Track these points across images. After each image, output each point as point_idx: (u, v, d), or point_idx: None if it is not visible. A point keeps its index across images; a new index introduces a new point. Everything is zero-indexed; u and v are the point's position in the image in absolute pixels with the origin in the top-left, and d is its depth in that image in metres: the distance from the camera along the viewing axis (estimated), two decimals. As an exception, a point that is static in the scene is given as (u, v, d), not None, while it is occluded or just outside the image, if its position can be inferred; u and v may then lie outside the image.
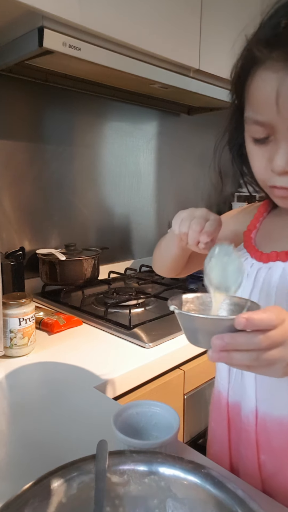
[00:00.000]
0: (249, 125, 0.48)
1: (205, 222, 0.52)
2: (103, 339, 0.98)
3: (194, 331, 0.43)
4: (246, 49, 0.46)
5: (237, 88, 0.50)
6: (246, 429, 0.56)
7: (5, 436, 0.61)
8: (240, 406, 0.57)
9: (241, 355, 0.38)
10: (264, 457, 0.55)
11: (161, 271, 0.74)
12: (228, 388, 0.60)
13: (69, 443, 0.59)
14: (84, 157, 1.44)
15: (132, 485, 0.42)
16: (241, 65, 0.48)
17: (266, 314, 0.38)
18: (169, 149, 1.75)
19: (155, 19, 1.06)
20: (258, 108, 0.45)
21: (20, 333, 0.86)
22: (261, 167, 0.49)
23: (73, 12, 0.87)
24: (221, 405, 0.61)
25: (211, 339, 0.39)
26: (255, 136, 0.47)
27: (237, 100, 0.51)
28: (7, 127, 1.23)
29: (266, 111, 0.44)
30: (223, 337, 0.38)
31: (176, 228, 0.55)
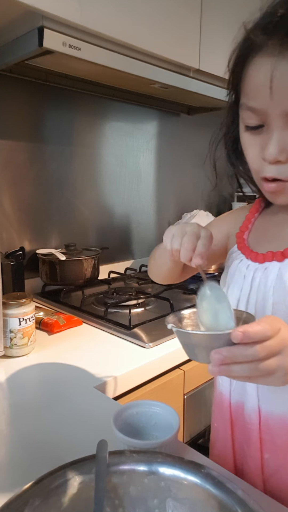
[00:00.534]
0: (243, 112, 0.48)
1: (197, 239, 0.52)
2: (103, 339, 0.98)
3: (193, 347, 0.44)
4: (244, 38, 0.47)
5: (234, 78, 0.50)
6: (250, 428, 0.56)
7: (5, 436, 0.61)
8: (243, 405, 0.58)
9: (240, 367, 0.39)
10: (268, 456, 0.55)
11: (157, 279, 0.75)
12: (230, 390, 0.60)
13: (69, 443, 0.59)
14: (84, 157, 1.44)
15: (132, 485, 0.42)
16: (238, 54, 0.48)
17: (261, 326, 0.38)
18: (169, 149, 1.75)
19: (155, 19, 1.06)
20: (252, 93, 0.46)
21: (20, 333, 0.86)
22: (254, 156, 0.49)
23: (73, 12, 0.87)
24: (223, 406, 0.61)
25: (210, 354, 0.40)
26: (248, 123, 0.48)
27: (234, 92, 0.52)
28: (7, 127, 1.23)
29: (260, 96, 0.44)
30: (221, 351, 0.39)
31: (168, 244, 0.54)
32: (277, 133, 0.45)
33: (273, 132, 0.45)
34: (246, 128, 0.49)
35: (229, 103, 0.54)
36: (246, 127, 0.49)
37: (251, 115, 0.47)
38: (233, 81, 0.51)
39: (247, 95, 0.47)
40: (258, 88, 0.44)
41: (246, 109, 0.47)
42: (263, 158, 0.47)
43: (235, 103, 0.52)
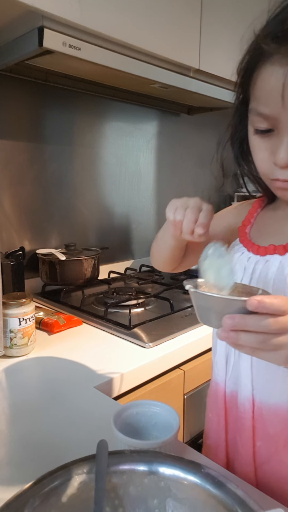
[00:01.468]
0: (253, 116, 0.49)
1: (199, 212, 0.54)
2: (103, 339, 0.98)
3: (207, 310, 0.45)
4: (254, 44, 0.47)
5: (243, 81, 0.50)
6: (243, 417, 0.57)
7: (5, 436, 0.61)
8: (237, 395, 0.58)
9: (249, 337, 0.40)
10: (260, 443, 0.56)
11: (159, 264, 0.75)
12: (225, 379, 0.60)
13: (69, 443, 0.59)
14: (84, 157, 1.44)
15: (132, 485, 0.42)
16: (248, 59, 0.48)
17: (277, 299, 0.39)
18: (169, 149, 1.75)
19: (155, 19, 1.06)
20: (263, 100, 0.46)
21: (20, 333, 0.86)
22: (263, 159, 0.50)
23: (73, 12, 0.87)
24: (218, 396, 0.62)
25: (223, 318, 0.41)
26: (258, 127, 0.48)
27: (242, 94, 0.52)
28: (7, 127, 1.23)
29: (271, 104, 0.45)
30: (234, 317, 0.40)
31: (171, 215, 0.56)
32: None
33: (284, 138, 0.46)
34: (256, 131, 0.49)
35: (236, 104, 0.55)
36: (255, 130, 0.49)
37: (261, 120, 0.47)
38: (242, 84, 0.51)
39: (258, 101, 0.47)
40: (269, 95, 0.45)
41: (256, 114, 0.48)
42: (274, 162, 0.48)
43: (243, 104, 0.53)
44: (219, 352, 0.61)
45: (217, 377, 0.63)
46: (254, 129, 0.49)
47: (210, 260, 0.47)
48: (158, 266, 0.76)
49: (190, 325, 1.02)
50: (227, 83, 1.31)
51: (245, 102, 0.52)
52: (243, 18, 1.25)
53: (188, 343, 0.95)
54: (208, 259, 0.48)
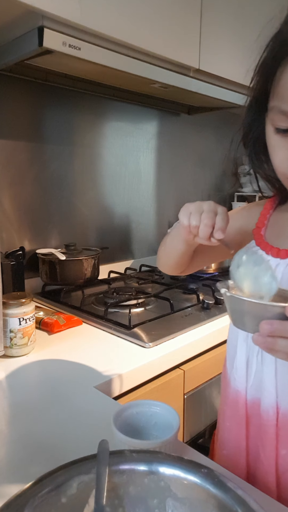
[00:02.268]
0: (275, 114, 0.47)
1: (215, 216, 0.53)
2: (103, 339, 0.98)
3: (242, 314, 0.44)
4: (279, 39, 0.46)
5: (262, 78, 0.49)
6: (266, 424, 0.56)
7: (5, 436, 0.61)
8: (259, 402, 0.57)
9: (287, 342, 0.40)
10: (285, 452, 0.55)
11: (165, 268, 0.74)
12: (246, 387, 0.59)
13: (69, 443, 0.59)
14: (84, 156, 1.44)
15: (132, 485, 0.42)
16: (270, 55, 0.47)
17: None
18: (169, 149, 1.75)
19: (155, 18, 1.06)
20: (286, 97, 0.45)
21: (20, 333, 0.86)
22: (284, 158, 0.48)
23: (73, 11, 0.87)
24: (238, 404, 0.60)
25: (260, 323, 0.40)
26: (280, 126, 0.47)
27: (260, 92, 0.50)
28: (7, 127, 1.23)
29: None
30: (273, 322, 0.40)
31: (186, 220, 0.55)
32: None
33: None
34: (277, 130, 0.48)
35: (251, 103, 0.54)
36: (276, 129, 0.48)
37: (284, 118, 0.46)
38: (261, 78, 0.50)
39: (282, 99, 0.46)
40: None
41: (278, 112, 0.46)
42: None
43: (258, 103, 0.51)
44: (239, 359, 0.59)
45: (237, 385, 0.60)
46: (274, 128, 0.48)
47: (245, 268, 0.46)
48: (165, 269, 0.75)
49: (190, 325, 1.02)
50: (227, 83, 1.31)
51: (261, 101, 0.50)
52: (243, 18, 1.25)
53: (188, 343, 0.95)
54: (243, 267, 0.46)
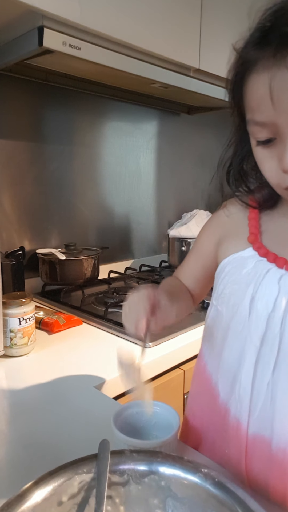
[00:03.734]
0: (251, 127, 0.48)
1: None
2: (103, 338, 0.98)
3: None
4: (237, 58, 0.47)
5: (235, 97, 0.50)
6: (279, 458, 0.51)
7: (5, 436, 0.61)
8: (265, 439, 0.52)
9: None
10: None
11: None
12: (248, 420, 0.53)
13: (69, 442, 0.59)
14: (84, 156, 1.44)
15: (132, 485, 0.42)
16: (235, 74, 0.48)
17: None
18: (169, 148, 1.75)
19: (155, 18, 1.06)
20: (256, 108, 0.46)
21: (20, 333, 0.86)
22: (272, 170, 0.48)
23: (73, 11, 0.87)
24: (239, 435, 0.54)
25: None
26: (258, 138, 0.47)
27: (237, 110, 0.51)
28: (7, 127, 1.23)
29: (263, 109, 0.44)
30: None
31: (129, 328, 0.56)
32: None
33: (286, 141, 0.44)
34: (258, 143, 0.48)
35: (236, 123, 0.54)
36: (257, 142, 0.48)
37: (260, 129, 0.46)
38: (234, 99, 0.50)
39: (252, 111, 0.47)
40: (260, 102, 0.44)
41: (253, 124, 0.47)
42: (283, 170, 0.46)
43: (241, 121, 0.52)
44: (244, 385, 0.53)
45: (238, 414, 0.54)
46: (255, 141, 0.48)
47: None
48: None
49: (190, 324, 1.02)
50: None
51: (242, 118, 0.51)
52: (243, 18, 1.25)
53: (188, 343, 0.95)
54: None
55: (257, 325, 0.51)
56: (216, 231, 0.64)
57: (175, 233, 1.51)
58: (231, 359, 0.56)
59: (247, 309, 0.53)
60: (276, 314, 0.50)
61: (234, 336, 0.55)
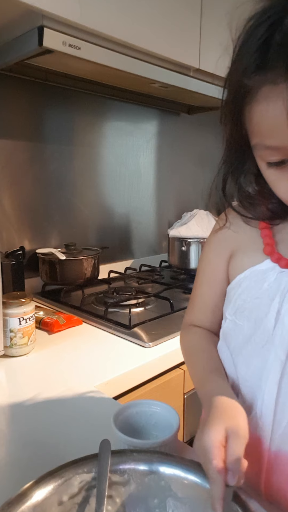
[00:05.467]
0: (261, 150, 0.45)
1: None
2: (103, 338, 0.98)
3: None
4: (234, 82, 0.44)
5: (234, 121, 0.47)
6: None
7: (5, 436, 0.61)
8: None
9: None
10: None
11: None
12: (271, 437, 0.51)
13: (69, 442, 0.59)
14: (84, 156, 1.44)
15: (132, 484, 0.42)
16: (233, 99, 0.45)
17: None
18: (169, 148, 1.75)
19: (155, 18, 1.06)
20: (267, 134, 0.43)
21: (20, 333, 0.86)
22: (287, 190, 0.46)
23: (73, 11, 0.87)
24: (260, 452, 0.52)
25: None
26: (271, 160, 0.45)
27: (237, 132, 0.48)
28: (7, 127, 1.23)
29: (278, 135, 0.41)
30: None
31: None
32: None
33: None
34: (269, 165, 0.45)
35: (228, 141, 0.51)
36: (268, 163, 0.46)
37: (272, 153, 0.44)
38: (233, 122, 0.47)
39: (261, 135, 0.44)
40: (274, 128, 0.41)
41: (264, 148, 0.44)
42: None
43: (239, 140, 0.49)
44: (266, 402, 0.51)
45: (258, 430, 0.51)
46: (266, 163, 0.46)
47: None
48: None
49: (190, 324, 1.02)
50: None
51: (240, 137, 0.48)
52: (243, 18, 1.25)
53: (188, 343, 0.95)
54: None
55: (282, 338, 0.49)
56: (225, 248, 0.60)
57: (175, 233, 1.51)
58: (249, 374, 0.53)
59: (273, 323, 0.50)
60: None
61: (254, 351, 0.52)
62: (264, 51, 0.39)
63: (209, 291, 0.63)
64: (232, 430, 0.42)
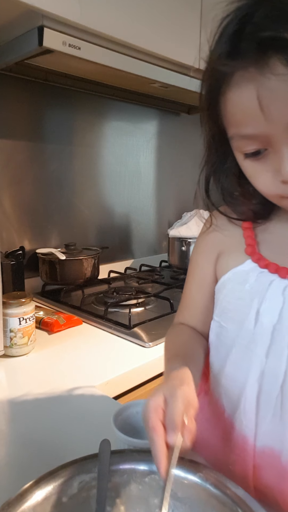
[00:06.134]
0: (237, 141, 0.45)
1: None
2: (103, 338, 0.98)
3: None
4: (209, 70, 0.44)
5: (210, 113, 0.47)
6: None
7: (5, 436, 0.61)
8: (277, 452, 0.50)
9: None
10: None
11: None
12: (255, 434, 0.52)
13: (69, 442, 0.59)
14: (84, 156, 1.44)
15: (132, 484, 0.42)
16: (209, 89, 0.45)
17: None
18: (169, 148, 1.75)
19: (155, 18, 1.06)
20: (242, 122, 0.43)
21: (20, 333, 0.86)
22: (267, 182, 0.45)
23: (73, 11, 0.87)
24: (246, 449, 0.53)
25: None
26: (247, 150, 0.44)
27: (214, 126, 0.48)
28: (7, 127, 1.23)
29: (252, 122, 0.41)
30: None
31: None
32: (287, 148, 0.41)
33: (283, 150, 0.41)
34: (246, 156, 0.45)
35: (208, 142, 0.52)
36: (245, 155, 0.45)
37: (248, 142, 0.44)
38: (211, 116, 0.48)
39: (237, 125, 0.43)
40: (247, 115, 0.41)
41: (239, 138, 0.44)
42: (283, 180, 0.43)
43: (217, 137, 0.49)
44: (249, 399, 0.52)
45: (244, 429, 0.52)
46: (243, 155, 0.45)
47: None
48: None
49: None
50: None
51: (219, 133, 0.48)
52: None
53: (188, 343, 0.95)
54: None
55: (262, 338, 0.50)
56: (212, 250, 0.61)
57: (175, 233, 1.51)
58: (236, 374, 0.54)
59: (253, 323, 0.51)
60: (282, 326, 0.48)
61: (239, 352, 0.53)
62: (236, 41, 0.40)
63: (198, 293, 0.63)
64: (170, 394, 0.42)
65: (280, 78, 0.37)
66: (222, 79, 0.42)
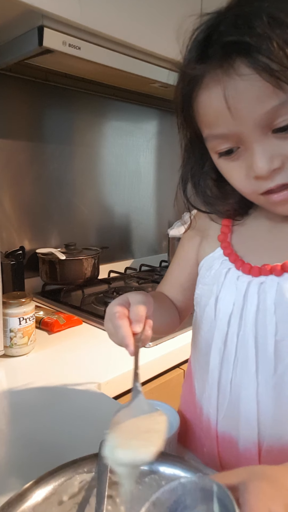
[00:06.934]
0: (211, 142, 0.47)
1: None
2: (103, 338, 0.98)
3: None
4: (181, 75, 0.47)
5: (186, 118, 0.49)
6: (247, 458, 0.51)
7: (5, 436, 0.61)
8: (234, 438, 0.52)
9: None
10: None
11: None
12: (216, 419, 0.53)
13: (69, 442, 0.59)
14: (84, 156, 1.44)
15: (132, 484, 0.42)
16: (181, 93, 0.47)
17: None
18: (169, 148, 1.75)
19: (155, 18, 1.06)
20: (213, 122, 0.45)
21: (20, 333, 0.86)
22: (241, 179, 0.46)
23: (73, 11, 0.87)
24: (210, 433, 0.55)
25: None
26: (220, 149, 0.46)
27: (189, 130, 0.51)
28: (7, 127, 1.23)
29: (221, 121, 0.43)
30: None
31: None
32: (258, 145, 0.42)
33: (253, 147, 0.43)
34: (220, 155, 0.47)
35: (186, 146, 0.55)
36: (219, 154, 0.47)
37: (221, 142, 0.45)
38: (186, 120, 0.50)
39: (209, 126, 0.46)
40: (217, 115, 0.43)
41: (212, 138, 0.46)
42: (256, 176, 0.44)
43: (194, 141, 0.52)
44: (211, 384, 0.54)
45: (208, 412, 0.55)
46: (217, 154, 0.47)
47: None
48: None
49: (190, 324, 1.01)
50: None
51: (196, 137, 0.50)
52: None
53: (188, 343, 0.94)
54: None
55: (220, 325, 0.52)
56: (198, 233, 0.63)
57: (175, 233, 1.51)
58: (201, 358, 0.57)
59: (213, 309, 0.54)
60: (234, 315, 0.51)
61: (204, 337, 0.56)
62: (204, 47, 0.44)
63: (176, 270, 0.67)
64: (132, 301, 0.51)
65: (244, 78, 0.40)
66: (193, 83, 0.45)
